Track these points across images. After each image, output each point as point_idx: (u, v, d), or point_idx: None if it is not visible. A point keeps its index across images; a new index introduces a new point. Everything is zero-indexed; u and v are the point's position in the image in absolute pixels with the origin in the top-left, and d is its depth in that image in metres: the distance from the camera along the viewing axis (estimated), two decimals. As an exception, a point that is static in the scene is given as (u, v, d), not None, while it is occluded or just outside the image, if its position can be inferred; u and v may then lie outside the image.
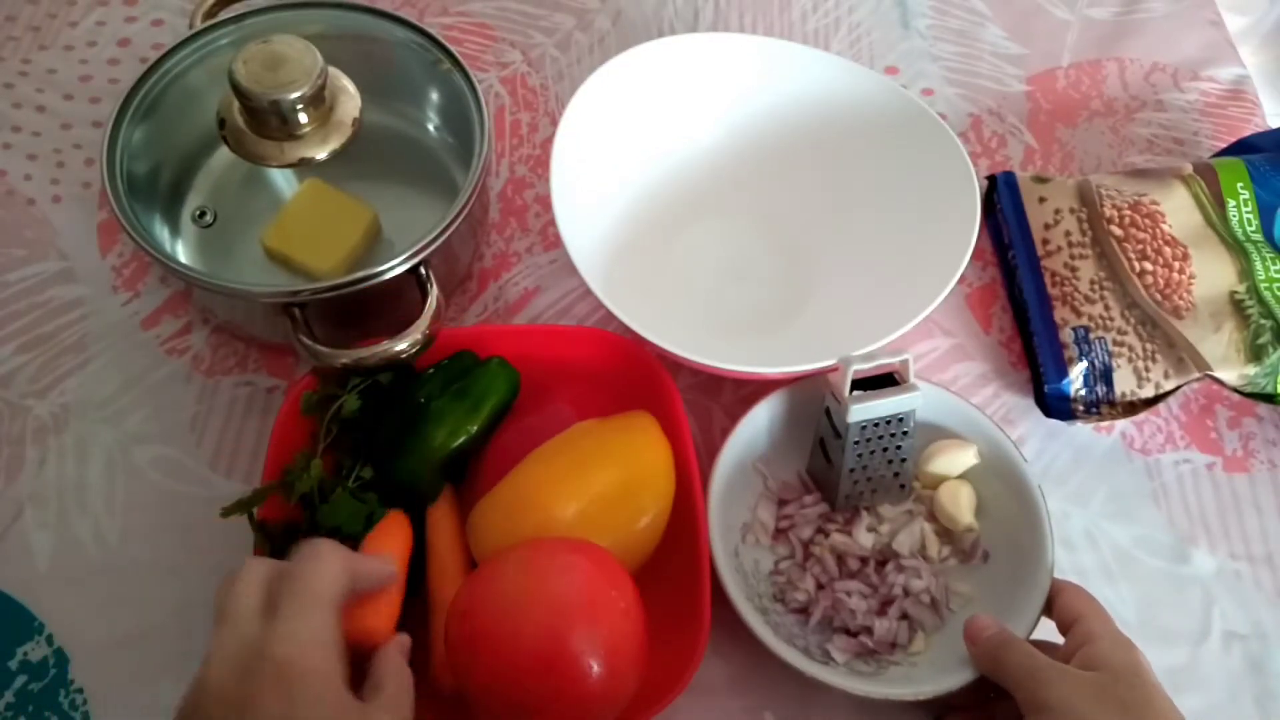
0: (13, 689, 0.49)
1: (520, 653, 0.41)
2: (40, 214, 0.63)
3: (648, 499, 0.49)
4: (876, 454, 0.52)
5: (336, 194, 0.57)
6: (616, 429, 0.51)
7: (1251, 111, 0.72)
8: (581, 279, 0.51)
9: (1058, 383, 0.58)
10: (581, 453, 0.50)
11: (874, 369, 0.50)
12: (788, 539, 0.54)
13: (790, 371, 0.52)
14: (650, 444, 0.50)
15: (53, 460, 0.55)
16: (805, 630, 0.51)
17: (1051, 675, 0.43)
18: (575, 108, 0.57)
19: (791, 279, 0.62)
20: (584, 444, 0.50)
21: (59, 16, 0.71)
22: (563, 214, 0.53)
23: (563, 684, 0.41)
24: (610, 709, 0.43)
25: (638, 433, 0.51)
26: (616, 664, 0.42)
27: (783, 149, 0.64)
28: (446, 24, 0.72)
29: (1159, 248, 0.59)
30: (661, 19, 0.74)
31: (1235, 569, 0.56)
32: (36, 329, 0.59)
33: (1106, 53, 0.75)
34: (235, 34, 0.58)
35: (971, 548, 0.53)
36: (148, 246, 0.51)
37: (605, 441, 0.50)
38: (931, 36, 0.75)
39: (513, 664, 0.41)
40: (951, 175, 0.58)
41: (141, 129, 0.55)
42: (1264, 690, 0.53)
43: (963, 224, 0.56)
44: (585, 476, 0.48)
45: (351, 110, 0.54)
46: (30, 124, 0.66)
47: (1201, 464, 0.59)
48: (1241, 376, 0.57)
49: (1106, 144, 0.71)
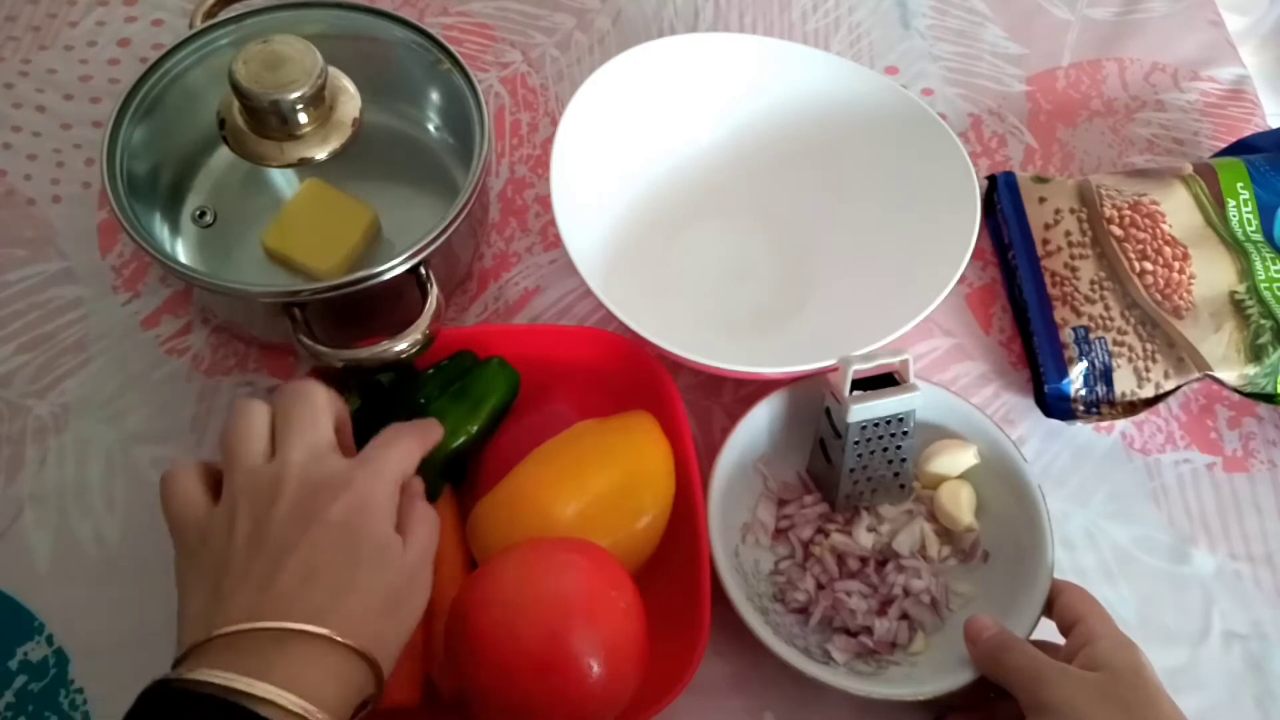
0: (13, 689, 0.49)
1: (519, 653, 0.41)
2: (40, 214, 0.63)
3: (648, 499, 0.49)
4: (876, 454, 0.52)
5: (336, 194, 0.57)
6: (617, 429, 0.51)
7: (1251, 111, 0.72)
8: (581, 279, 0.51)
9: (1058, 383, 0.58)
10: (581, 453, 0.50)
11: (874, 369, 0.50)
12: (788, 539, 0.54)
13: (790, 371, 0.52)
14: (650, 444, 0.50)
15: (53, 460, 0.55)
16: (805, 630, 0.51)
17: (1053, 675, 0.43)
18: (575, 108, 0.57)
19: (791, 279, 0.62)
20: (584, 444, 0.50)
21: (59, 16, 0.71)
22: (563, 214, 0.53)
23: (562, 684, 0.41)
24: (610, 709, 0.43)
25: (638, 433, 0.51)
26: (616, 664, 0.42)
27: (783, 149, 0.64)
28: (447, 24, 0.72)
29: (1159, 248, 0.59)
30: (661, 19, 0.74)
31: (1235, 569, 0.56)
32: (37, 329, 0.59)
33: (1106, 53, 0.75)
34: (235, 34, 0.58)
35: (971, 548, 0.53)
36: (148, 246, 0.51)
37: (605, 441, 0.50)
38: (931, 36, 0.75)
39: (512, 664, 0.41)
40: (951, 175, 0.58)
41: (141, 129, 0.55)
42: (1264, 690, 0.53)
43: (963, 224, 0.56)
44: (585, 476, 0.48)
45: (352, 110, 0.54)
46: (30, 124, 0.66)
47: (1201, 464, 0.59)
48: (1241, 376, 0.57)
49: (1106, 144, 0.71)
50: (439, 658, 0.46)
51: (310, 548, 0.37)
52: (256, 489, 0.39)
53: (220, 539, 0.38)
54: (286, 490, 0.39)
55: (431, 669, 0.46)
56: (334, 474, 0.40)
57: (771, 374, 0.53)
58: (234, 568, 0.37)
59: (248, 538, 0.38)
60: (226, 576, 0.37)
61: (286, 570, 0.37)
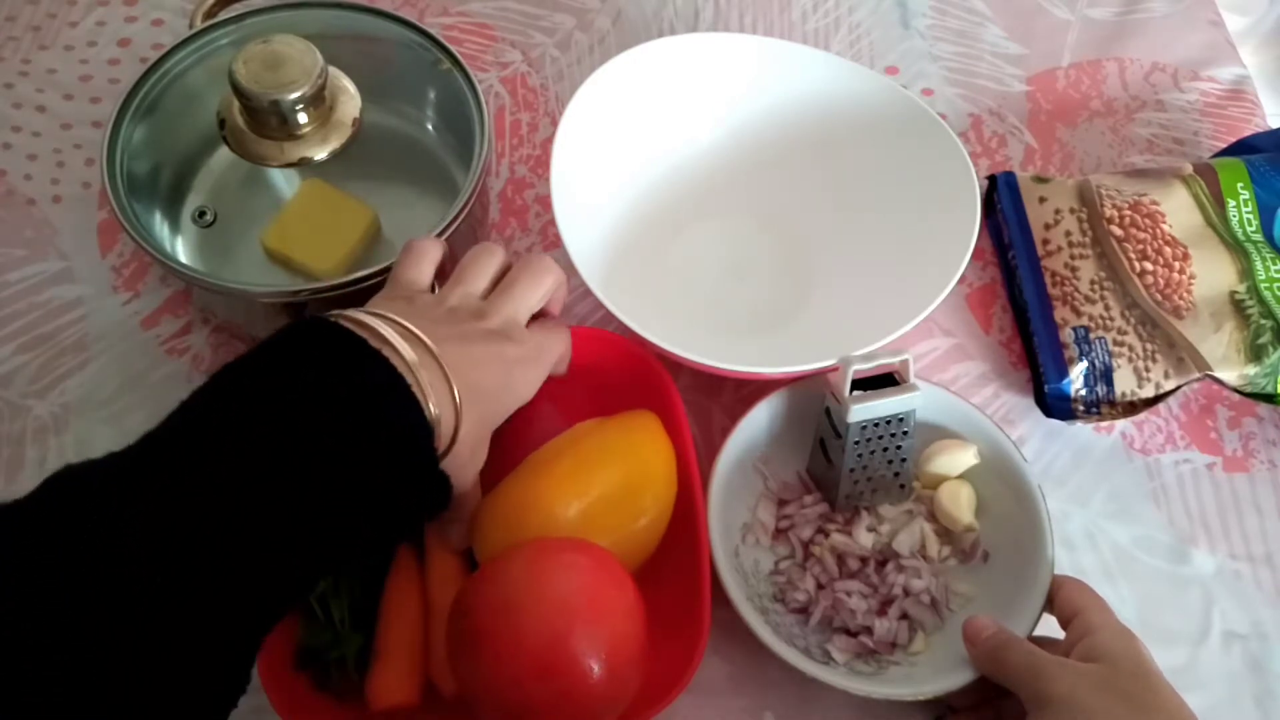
0: (13, 689, 0.49)
1: (522, 654, 0.41)
2: (40, 214, 0.63)
3: (649, 499, 0.49)
4: (876, 454, 0.52)
5: (336, 194, 0.57)
6: (618, 429, 0.51)
7: (1251, 111, 0.72)
8: (582, 279, 0.51)
9: (1058, 383, 0.58)
10: (583, 453, 0.49)
11: (874, 369, 0.50)
12: (788, 539, 0.54)
13: (790, 371, 0.52)
14: (652, 443, 0.50)
15: (53, 460, 0.55)
16: (805, 630, 0.51)
17: (1053, 670, 0.43)
18: (575, 108, 0.57)
19: (791, 279, 0.62)
20: (586, 444, 0.50)
21: (59, 16, 0.71)
22: (563, 214, 0.53)
23: (564, 685, 0.41)
24: (611, 710, 0.43)
25: (639, 432, 0.51)
26: (618, 665, 0.42)
27: (783, 149, 0.64)
28: (446, 24, 0.72)
29: (1159, 248, 0.59)
30: (661, 19, 0.74)
31: (1235, 569, 0.56)
32: (37, 329, 0.59)
33: (1106, 53, 0.75)
34: (235, 34, 0.58)
35: (971, 548, 0.53)
36: (148, 246, 0.51)
37: (607, 441, 0.50)
38: (931, 36, 0.75)
39: (514, 665, 0.41)
40: (952, 175, 0.58)
41: (141, 129, 0.55)
42: (1264, 690, 0.53)
43: (963, 224, 0.56)
44: (588, 477, 0.48)
45: (351, 110, 0.54)
46: (30, 124, 0.66)
47: (1201, 464, 0.59)
48: (1241, 376, 0.57)
49: (1106, 144, 0.71)
50: (439, 657, 0.46)
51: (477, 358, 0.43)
52: (467, 307, 0.44)
53: (422, 302, 0.44)
54: (486, 324, 0.44)
55: (431, 669, 0.46)
56: (526, 339, 0.46)
57: (771, 374, 0.53)
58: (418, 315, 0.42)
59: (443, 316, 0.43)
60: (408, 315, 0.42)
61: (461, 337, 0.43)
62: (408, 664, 0.46)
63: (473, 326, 0.43)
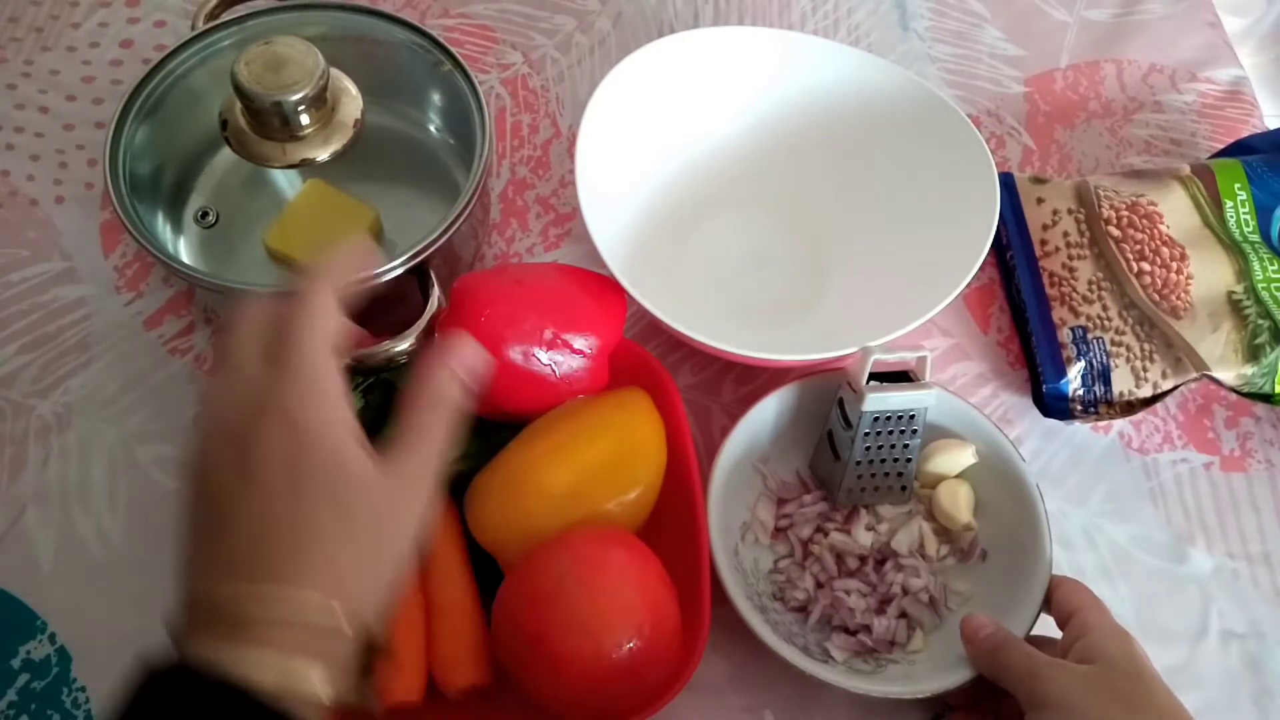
0: (15, 688, 0.50)
1: (603, 669, 0.42)
2: (43, 214, 0.63)
3: (641, 469, 0.50)
4: (884, 449, 0.52)
5: (338, 195, 0.57)
6: (609, 403, 0.51)
7: (1249, 113, 0.73)
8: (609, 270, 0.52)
9: (1056, 382, 0.58)
10: (574, 426, 0.50)
11: (890, 364, 0.50)
12: (787, 538, 0.54)
13: (806, 359, 0.52)
14: (642, 416, 0.51)
15: (55, 460, 0.55)
16: (804, 629, 0.51)
17: (1049, 671, 0.43)
18: (598, 100, 0.57)
19: (809, 270, 0.63)
20: (577, 418, 0.50)
21: (61, 18, 0.71)
22: (588, 206, 0.53)
23: (643, 691, 0.44)
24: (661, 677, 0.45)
25: (630, 407, 0.51)
26: (670, 658, 0.45)
27: (802, 141, 0.64)
28: (448, 26, 0.73)
29: (1156, 248, 0.60)
30: (662, 21, 0.74)
31: (1233, 568, 0.56)
32: (39, 329, 0.59)
33: (1104, 54, 0.75)
34: (237, 35, 0.58)
35: (970, 546, 0.53)
36: (150, 247, 0.51)
37: (598, 415, 0.51)
38: (930, 38, 0.75)
39: (597, 683, 0.43)
40: (971, 166, 0.58)
41: (144, 130, 0.55)
42: (1262, 689, 0.53)
43: (981, 215, 0.56)
44: (578, 448, 0.49)
45: (353, 111, 0.55)
46: (33, 125, 0.67)
47: (1199, 463, 0.60)
48: (1239, 376, 0.57)
49: (1104, 145, 0.71)
50: (441, 655, 0.46)
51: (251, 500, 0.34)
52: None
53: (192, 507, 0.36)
54: (212, 441, 0.35)
55: (433, 667, 0.47)
56: (248, 399, 0.35)
57: (788, 361, 0.53)
58: (194, 540, 0.36)
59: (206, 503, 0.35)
60: (190, 550, 0.36)
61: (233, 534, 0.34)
62: (411, 662, 0.46)
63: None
